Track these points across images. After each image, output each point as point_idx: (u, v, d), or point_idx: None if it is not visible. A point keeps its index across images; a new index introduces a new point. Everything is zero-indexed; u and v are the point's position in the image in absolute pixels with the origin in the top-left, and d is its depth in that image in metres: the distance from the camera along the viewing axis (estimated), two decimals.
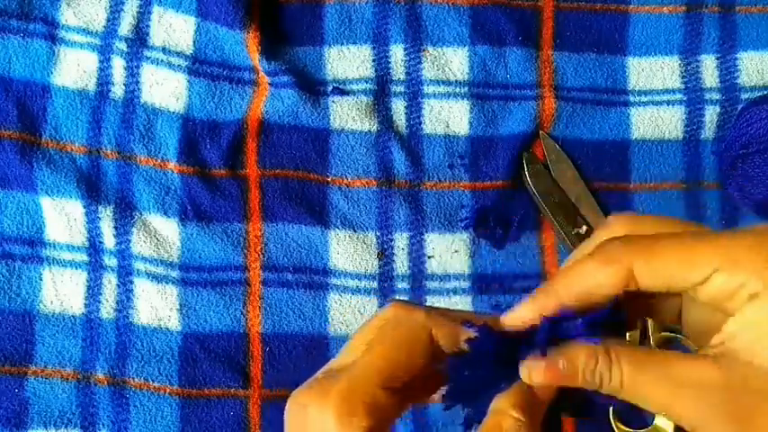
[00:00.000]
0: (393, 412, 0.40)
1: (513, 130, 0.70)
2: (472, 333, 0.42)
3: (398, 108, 0.70)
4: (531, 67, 0.71)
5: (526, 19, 0.72)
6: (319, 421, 0.39)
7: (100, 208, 0.67)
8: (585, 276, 0.40)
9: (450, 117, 0.70)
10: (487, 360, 0.41)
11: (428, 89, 0.70)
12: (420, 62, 0.71)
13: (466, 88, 0.70)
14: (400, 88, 0.70)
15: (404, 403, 0.42)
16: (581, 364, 0.39)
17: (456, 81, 0.70)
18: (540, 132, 0.69)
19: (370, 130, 0.69)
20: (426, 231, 0.68)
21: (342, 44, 0.71)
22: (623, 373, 0.38)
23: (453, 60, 0.71)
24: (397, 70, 0.71)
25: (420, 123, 0.70)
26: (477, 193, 0.69)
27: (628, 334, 0.41)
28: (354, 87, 0.70)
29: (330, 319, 0.67)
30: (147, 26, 0.70)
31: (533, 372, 0.39)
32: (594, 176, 0.69)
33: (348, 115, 0.69)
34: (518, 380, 0.41)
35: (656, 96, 0.71)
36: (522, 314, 0.41)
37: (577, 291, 0.40)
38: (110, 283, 0.66)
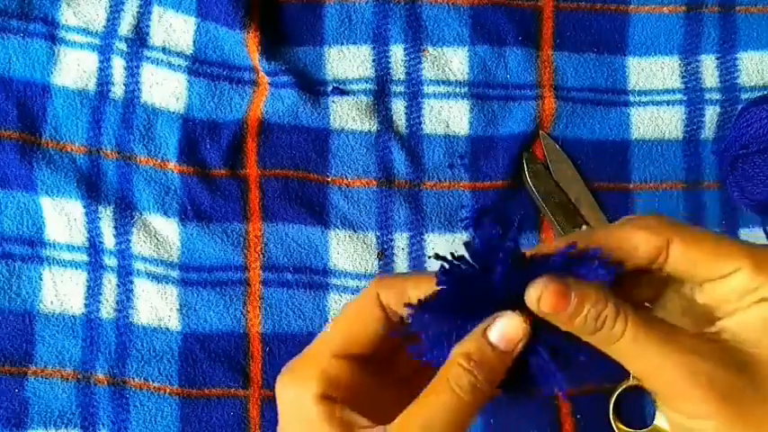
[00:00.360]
0: (349, 378, 0.42)
1: (513, 130, 0.70)
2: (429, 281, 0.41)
3: (398, 108, 0.70)
4: (530, 67, 0.71)
5: (526, 19, 0.72)
6: (284, 392, 0.43)
7: (100, 208, 0.67)
8: (625, 236, 0.40)
9: (450, 117, 0.70)
10: (452, 302, 0.40)
11: (428, 89, 0.70)
12: (420, 62, 0.71)
13: (466, 88, 0.70)
14: (400, 88, 0.70)
15: (371, 371, 0.43)
16: (590, 302, 0.38)
17: (456, 81, 0.70)
18: (540, 132, 0.69)
19: (370, 130, 0.69)
20: (426, 231, 0.68)
21: (342, 44, 0.71)
22: (627, 326, 0.38)
23: (453, 60, 0.71)
24: (397, 70, 0.71)
25: (420, 123, 0.70)
26: (477, 193, 0.69)
27: None
28: (354, 87, 0.70)
29: (330, 319, 0.67)
30: (147, 26, 0.70)
31: (544, 294, 0.38)
32: (594, 176, 0.69)
33: (348, 115, 0.69)
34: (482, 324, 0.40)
35: (656, 96, 0.71)
36: (553, 244, 0.41)
37: (613, 245, 0.40)
38: (110, 283, 0.66)
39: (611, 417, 0.60)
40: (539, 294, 0.38)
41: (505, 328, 0.39)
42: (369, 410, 0.41)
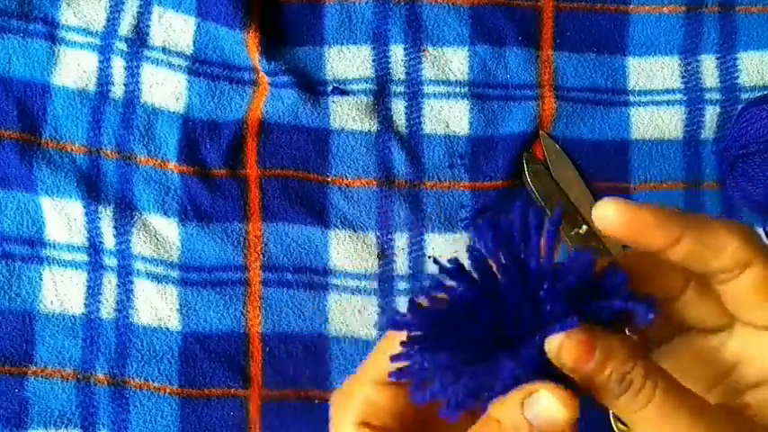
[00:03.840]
0: (394, 407, 0.38)
1: (513, 129, 0.70)
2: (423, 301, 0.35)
3: (398, 108, 0.70)
4: (531, 67, 0.71)
5: (526, 19, 0.72)
6: (333, 414, 0.39)
7: (100, 208, 0.67)
8: (718, 234, 0.35)
9: (450, 117, 0.70)
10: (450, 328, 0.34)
11: (428, 89, 0.70)
12: (420, 62, 0.71)
13: (466, 88, 0.70)
14: (400, 88, 0.70)
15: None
16: (616, 360, 0.33)
17: (456, 81, 0.70)
18: (541, 132, 0.69)
19: (370, 130, 0.69)
20: (426, 231, 0.68)
21: (342, 44, 0.71)
22: (655, 395, 0.33)
23: (453, 60, 0.71)
24: (397, 70, 0.71)
25: (420, 123, 0.70)
26: (477, 193, 0.69)
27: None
28: (354, 87, 0.70)
29: (330, 320, 0.67)
30: (147, 26, 0.70)
31: (565, 347, 0.33)
32: (594, 176, 0.69)
33: (348, 115, 0.69)
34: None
35: (655, 96, 0.71)
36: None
37: (705, 240, 0.34)
38: (110, 283, 0.66)
39: (611, 417, 0.60)
40: (559, 344, 0.33)
41: (544, 410, 0.33)
42: None
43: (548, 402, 0.33)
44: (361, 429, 0.38)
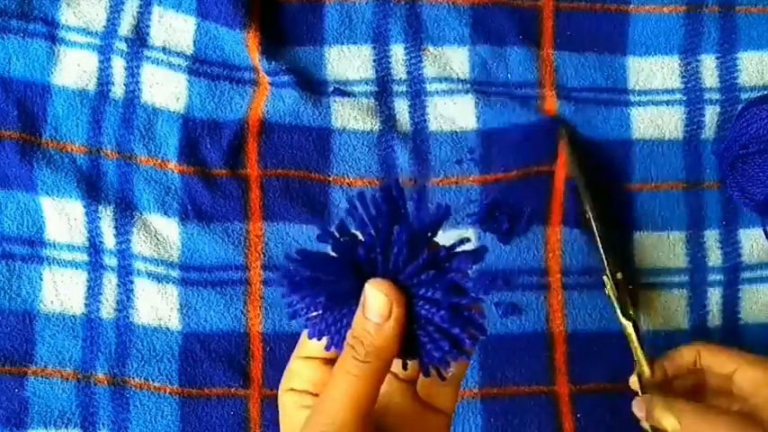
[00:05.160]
0: (308, 374, 0.45)
1: (519, 121, 0.69)
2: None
3: (402, 107, 0.70)
4: (531, 66, 0.71)
5: (526, 19, 0.72)
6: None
7: (100, 208, 0.67)
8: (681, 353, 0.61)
9: (455, 113, 0.70)
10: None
11: (431, 87, 0.70)
12: (421, 61, 0.71)
13: (468, 85, 0.70)
14: (402, 88, 0.70)
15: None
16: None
17: (458, 79, 0.70)
18: (561, 131, 0.69)
19: (371, 130, 0.69)
20: None
21: (342, 44, 0.71)
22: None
23: (454, 60, 0.71)
24: (398, 69, 0.71)
25: (425, 122, 0.70)
26: (487, 186, 0.69)
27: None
28: (356, 89, 0.70)
29: None
30: (148, 26, 0.70)
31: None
32: (595, 176, 0.69)
33: (350, 115, 0.69)
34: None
35: (656, 96, 0.71)
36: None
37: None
38: (110, 282, 0.66)
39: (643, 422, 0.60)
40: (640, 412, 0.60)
41: (372, 302, 0.39)
42: None
43: (370, 295, 0.39)
44: (289, 393, 0.45)
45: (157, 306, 0.66)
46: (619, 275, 0.65)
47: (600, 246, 0.66)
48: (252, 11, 0.70)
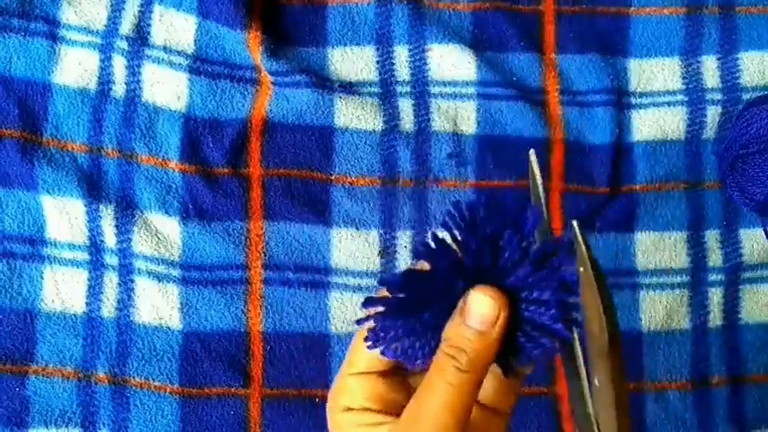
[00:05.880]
0: (375, 391, 0.43)
1: (520, 131, 0.70)
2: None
3: (405, 107, 0.70)
4: (535, 71, 0.71)
5: (528, 23, 0.72)
6: (327, 413, 0.44)
7: (101, 207, 0.67)
8: None
9: (457, 116, 0.70)
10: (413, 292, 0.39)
11: (434, 89, 0.70)
12: (425, 62, 0.71)
13: (472, 89, 0.70)
14: (406, 88, 0.70)
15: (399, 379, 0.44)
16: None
17: (462, 82, 0.70)
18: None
19: (374, 129, 0.69)
20: (430, 229, 0.68)
21: (345, 45, 0.71)
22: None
23: (457, 63, 0.71)
24: (401, 71, 0.71)
25: (428, 121, 0.70)
26: (483, 191, 0.69)
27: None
28: (359, 90, 0.70)
29: (331, 318, 0.67)
30: (148, 25, 0.70)
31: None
32: (598, 179, 0.69)
33: (353, 114, 0.69)
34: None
35: (657, 98, 0.71)
36: None
37: None
38: (111, 281, 0.66)
39: None
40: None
41: (478, 309, 0.38)
42: None
43: (476, 301, 0.38)
44: (345, 414, 0.42)
45: (158, 305, 0.66)
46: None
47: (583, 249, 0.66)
48: (253, 11, 0.70)
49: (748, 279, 0.69)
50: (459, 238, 0.39)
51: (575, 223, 0.37)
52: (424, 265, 0.39)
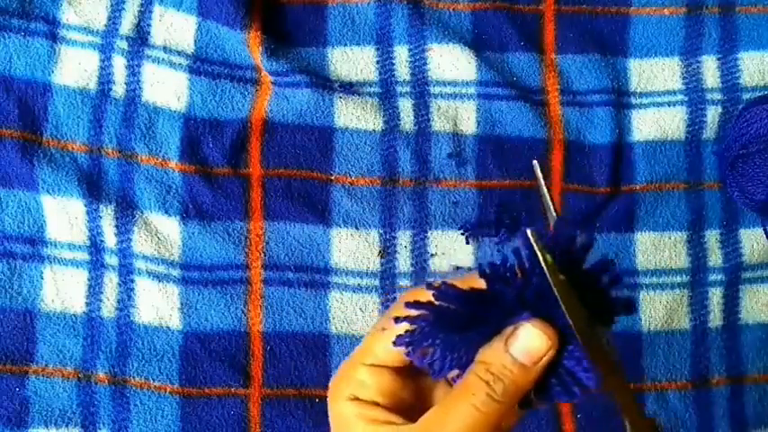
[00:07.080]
0: (386, 385, 0.42)
1: (520, 131, 0.70)
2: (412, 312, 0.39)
3: (406, 107, 0.70)
4: (535, 71, 0.71)
5: (528, 23, 0.72)
6: (329, 402, 0.43)
7: (101, 207, 0.67)
8: None
9: (457, 116, 0.70)
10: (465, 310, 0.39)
11: (434, 89, 0.70)
12: (425, 62, 0.71)
13: (472, 89, 0.70)
14: (406, 88, 0.70)
15: (413, 377, 0.43)
16: None
17: (462, 82, 0.70)
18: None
19: (374, 129, 0.69)
20: (430, 229, 0.68)
21: (345, 45, 0.71)
22: None
23: (457, 63, 0.71)
24: (401, 71, 0.71)
25: (428, 121, 0.70)
26: (483, 192, 0.69)
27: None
28: (359, 90, 0.70)
29: (331, 318, 0.67)
30: (149, 25, 0.70)
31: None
32: (598, 179, 0.69)
33: (353, 114, 0.69)
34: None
35: (657, 98, 0.71)
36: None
37: None
38: (111, 281, 0.66)
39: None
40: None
41: (525, 343, 0.37)
42: (416, 414, 0.41)
43: (527, 334, 0.37)
44: (352, 403, 0.41)
45: (158, 305, 0.66)
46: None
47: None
48: (253, 11, 0.70)
49: (748, 279, 0.69)
50: (526, 266, 0.38)
51: (529, 232, 0.37)
52: (474, 282, 0.39)
